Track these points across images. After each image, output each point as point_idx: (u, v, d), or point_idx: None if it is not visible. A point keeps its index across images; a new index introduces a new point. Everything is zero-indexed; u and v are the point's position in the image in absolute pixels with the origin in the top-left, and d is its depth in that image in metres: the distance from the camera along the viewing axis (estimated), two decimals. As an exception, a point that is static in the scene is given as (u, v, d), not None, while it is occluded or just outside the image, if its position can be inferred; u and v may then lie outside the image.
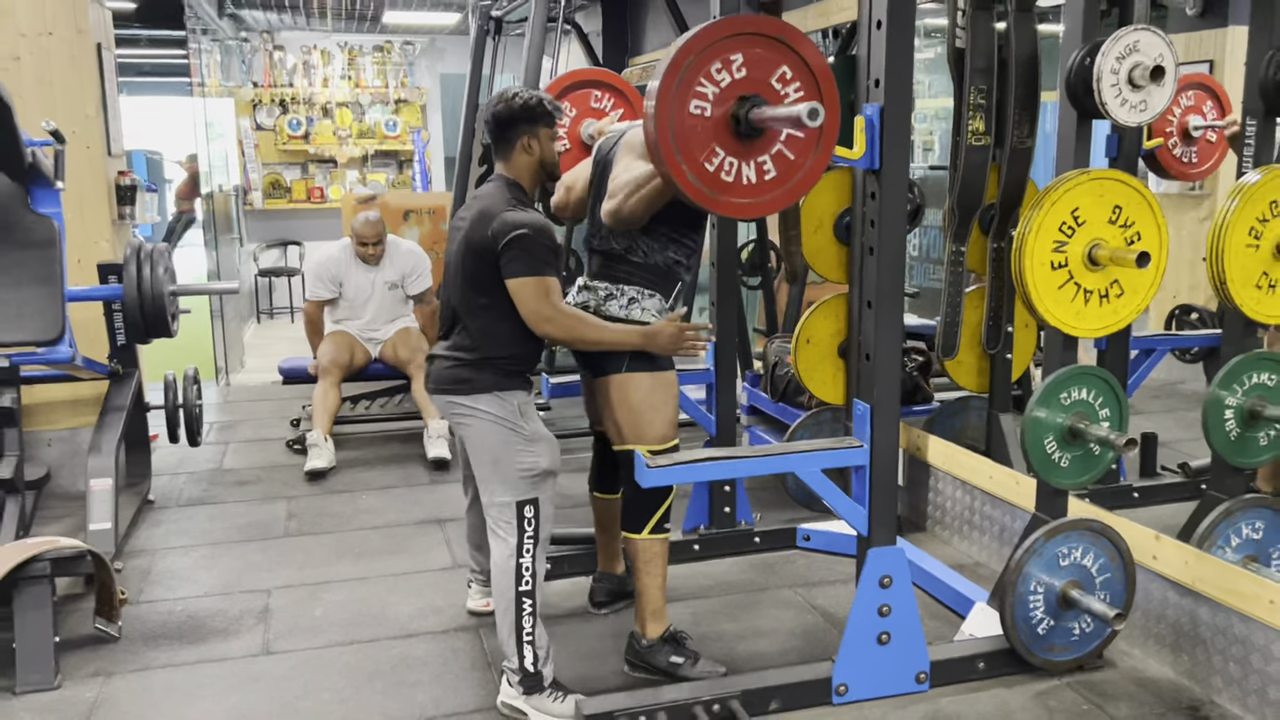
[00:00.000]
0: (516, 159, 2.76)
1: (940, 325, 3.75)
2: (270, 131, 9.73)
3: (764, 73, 2.32)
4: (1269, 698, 2.58)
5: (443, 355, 2.77)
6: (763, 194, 2.40)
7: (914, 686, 2.79)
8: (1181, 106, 3.79)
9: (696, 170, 2.32)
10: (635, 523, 2.86)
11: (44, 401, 4.52)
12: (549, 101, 2.76)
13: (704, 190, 2.34)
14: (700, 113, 2.30)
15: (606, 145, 3.02)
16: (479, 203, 2.73)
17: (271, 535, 4.05)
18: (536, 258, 2.61)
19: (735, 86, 2.31)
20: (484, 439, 2.70)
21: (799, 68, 2.34)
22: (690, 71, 2.27)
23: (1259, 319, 2.90)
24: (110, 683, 2.91)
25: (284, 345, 7.49)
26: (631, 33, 7.14)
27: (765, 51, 2.31)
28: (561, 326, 2.66)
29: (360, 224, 5.20)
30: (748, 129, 2.31)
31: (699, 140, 2.30)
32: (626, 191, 2.71)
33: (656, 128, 2.27)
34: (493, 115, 2.75)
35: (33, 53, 4.35)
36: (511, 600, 2.64)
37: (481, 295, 2.68)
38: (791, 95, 2.35)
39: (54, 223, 3.63)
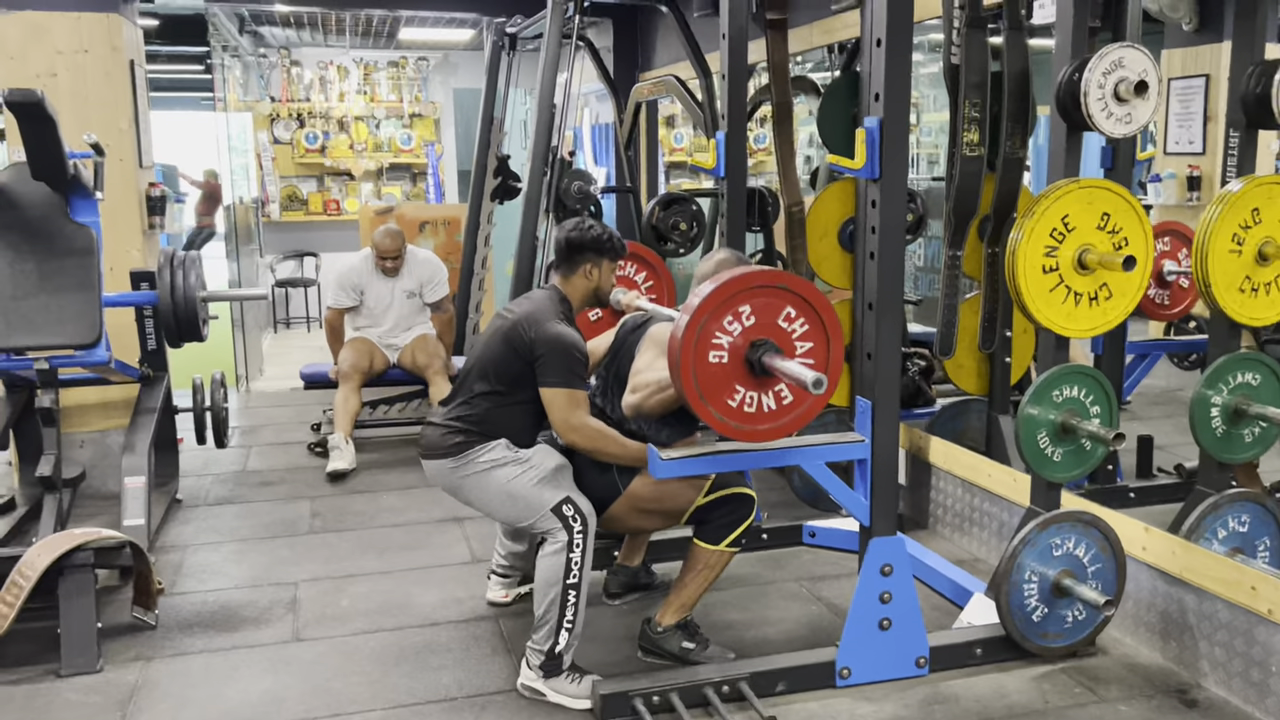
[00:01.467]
0: (576, 280, 3.06)
1: (938, 327, 3.90)
2: (288, 145, 9.93)
3: (770, 316, 2.57)
4: (1251, 679, 2.71)
5: (439, 423, 2.98)
6: (783, 417, 2.62)
7: (914, 670, 2.93)
8: (1157, 251, 3.92)
9: (721, 409, 2.56)
10: (715, 536, 2.98)
11: (77, 404, 4.69)
12: (618, 240, 3.07)
13: (731, 424, 2.58)
14: (719, 361, 2.54)
15: (630, 324, 3.28)
16: (529, 304, 2.98)
17: (297, 532, 4.20)
18: (572, 371, 2.85)
19: (747, 333, 2.55)
20: (487, 488, 2.90)
21: (800, 305, 2.58)
22: (706, 328, 2.51)
23: (1242, 321, 3.04)
24: (150, 666, 3.07)
25: (301, 354, 7.66)
26: (642, 49, 7.31)
27: (769, 298, 2.56)
28: (586, 436, 2.86)
29: (380, 236, 5.37)
30: (761, 370, 2.54)
31: (720, 384, 2.55)
32: (648, 392, 2.93)
33: (682, 380, 2.51)
34: (566, 237, 3.03)
35: (69, 69, 4.54)
36: (559, 593, 2.79)
37: (500, 384, 2.92)
38: (798, 330, 2.59)
39: (92, 232, 3.79)
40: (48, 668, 3.03)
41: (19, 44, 4.48)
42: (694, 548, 2.99)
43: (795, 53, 5.00)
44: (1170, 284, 4.01)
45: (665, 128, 9.38)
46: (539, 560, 2.86)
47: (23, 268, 3.64)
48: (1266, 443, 3.16)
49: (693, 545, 3.00)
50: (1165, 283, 4.01)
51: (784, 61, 4.47)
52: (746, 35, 3.79)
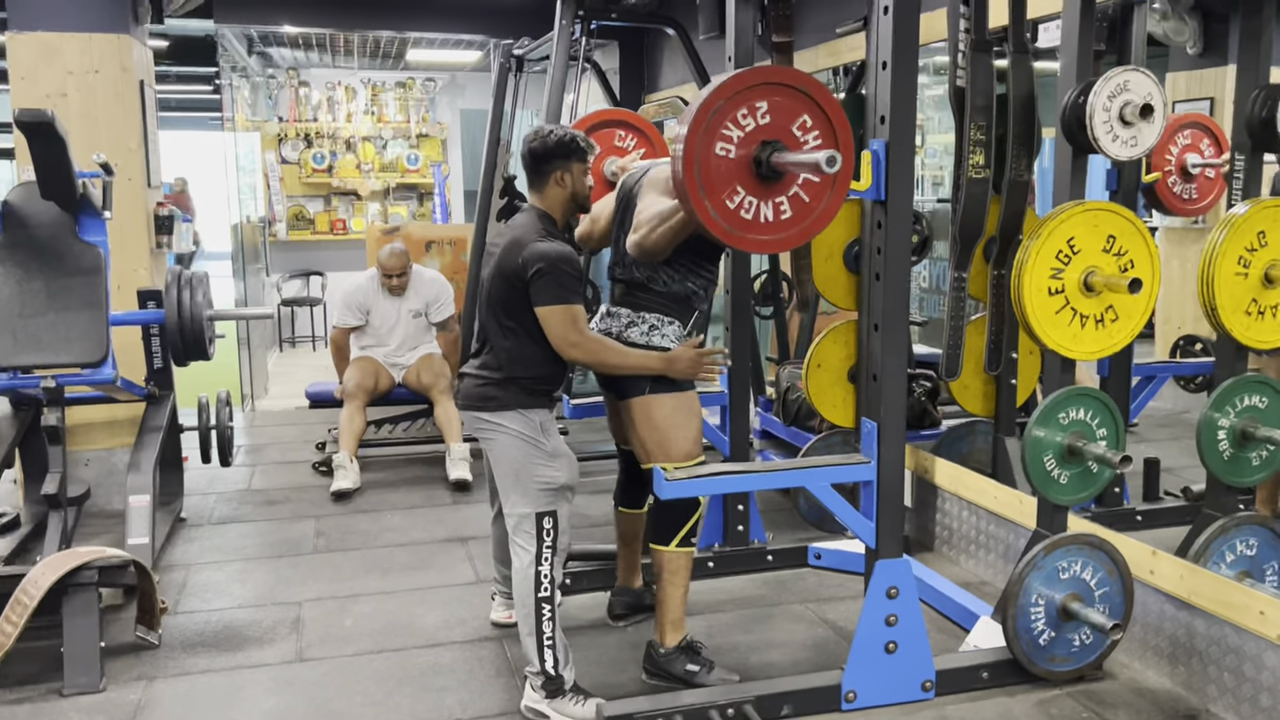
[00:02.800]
0: (549, 191, 2.94)
1: (944, 349, 3.90)
2: (295, 165, 9.98)
3: (786, 120, 2.49)
4: (1260, 705, 2.69)
5: (472, 374, 2.94)
6: (779, 232, 2.56)
7: (920, 694, 2.91)
8: (1179, 144, 3.92)
9: (719, 207, 2.49)
10: (664, 536, 2.98)
11: (83, 422, 4.70)
12: (582, 138, 2.94)
13: (724, 226, 2.50)
14: (725, 154, 2.46)
15: (631, 180, 3.18)
16: (511, 231, 2.91)
17: (301, 551, 4.20)
18: (564, 286, 2.77)
19: (759, 131, 2.48)
20: (507, 453, 2.86)
21: (818, 116, 2.52)
22: (718, 115, 2.44)
23: (1249, 344, 3.03)
24: (153, 686, 3.06)
25: (306, 373, 7.67)
26: (648, 71, 7.35)
27: (788, 100, 2.48)
28: (587, 351, 2.82)
29: (386, 255, 5.39)
30: (769, 171, 2.48)
31: (723, 180, 2.47)
32: (651, 225, 2.86)
33: (684, 166, 2.44)
34: (529, 150, 2.93)
35: (79, 89, 4.57)
36: (532, 607, 2.79)
37: (509, 318, 2.85)
38: (810, 142, 2.51)
39: (100, 250, 3.81)
40: (50, 687, 3.02)
41: (30, 64, 4.52)
42: (653, 554, 3.02)
43: (801, 75, 5.02)
44: (1195, 177, 3.96)
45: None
46: (513, 576, 2.86)
47: (31, 286, 3.66)
48: (1274, 465, 3.14)
49: (652, 551, 3.02)
50: (1189, 176, 3.96)
51: (790, 83, 4.48)
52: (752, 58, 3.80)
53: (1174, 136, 3.89)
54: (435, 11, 7.24)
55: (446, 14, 7.28)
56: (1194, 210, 4.06)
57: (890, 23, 2.68)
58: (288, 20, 7.27)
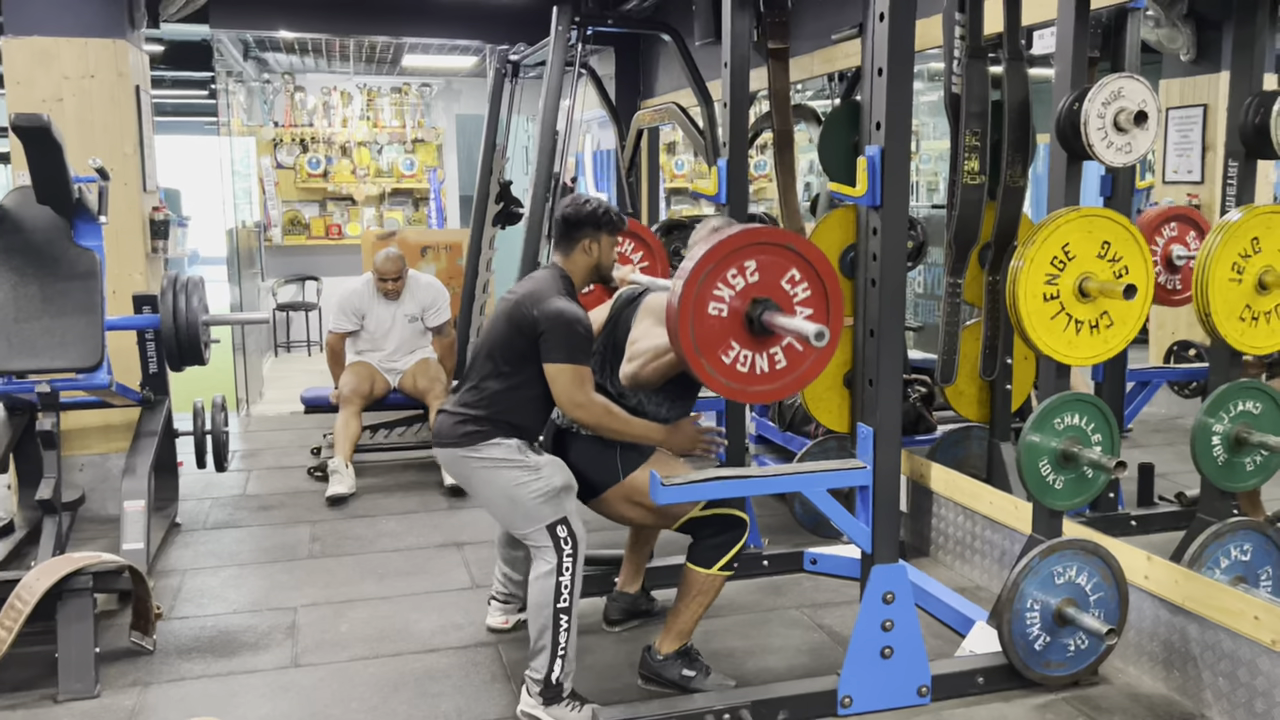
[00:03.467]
0: (576, 256, 3.01)
1: (939, 355, 3.90)
2: (290, 170, 9.97)
3: (774, 276, 2.56)
4: (1255, 710, 2.69)
5: (451, 411, 2.97)
6: (775, 381, 2.62)
7: (916, 699, 2.91)
8: (1165, 236, 3.93)
9: (715, 364, 2.55)
10: (707, 558, 2.95)
11: (77, 427, 4.69)
12: (616, 213, 3.03)
13: (722, 381, 2.57)
14: (718, 314, 2.53)
15: (624, 298, 3.25)
16: (530, 284, 2.96)
17: (296, 557, 4.19)
18: (576, 347, 2.81)
19: (749, 290, 2.53)
20: (492, 484, 2.88)
21: (806, 270, 2.58)
22: (709, 278, 2.50)
23: (1243, 350, 3.05)
24: (148, 692, 3.05)
25: (302, 378, 7.66)
26: (644, 77, 7.36)
27: (775, 258, 2.55)
28: (592, 414, 2.84)
29: (381, 260, 5.39)
30: (760, 329, 2.53)
31: (717, 338, 2.54)
32: (645, 359, 2.91)
33: (679, 327, 2.49)
34: (563, 215, 3.00)
35: (75, 94, 4.57)
36: (550, 617, 2.78)
37: (507, 364, 2.89)
38: (800, 294, 2.58)
39: (95, 255, 3.80)
40: (45, 692, 3.01)
41: (26, 69, 4.52)
42: (686, 571, 2.98)
43: (796, 81, 5.04)
44: (1180, 269, 3.99)
45: (666, 154, 9.43)
46: (530, 584, 2.84)
47: (26, 291, 3.65)
48: (1268, 471, 3.15)
49: (685, 569, 2.98)
50: (1174, 268, 3.99)
51: (785, 89, 4.50)
52: (748, 64, 3.81)
53: (1160, 228, 3.91)
54: (431, 17, 7.24)
55: (442, 19, 7.29)
56: (1178, 302, 4.07)
57: (886, 29, 2.69)
58: (284, 25, 7.26)
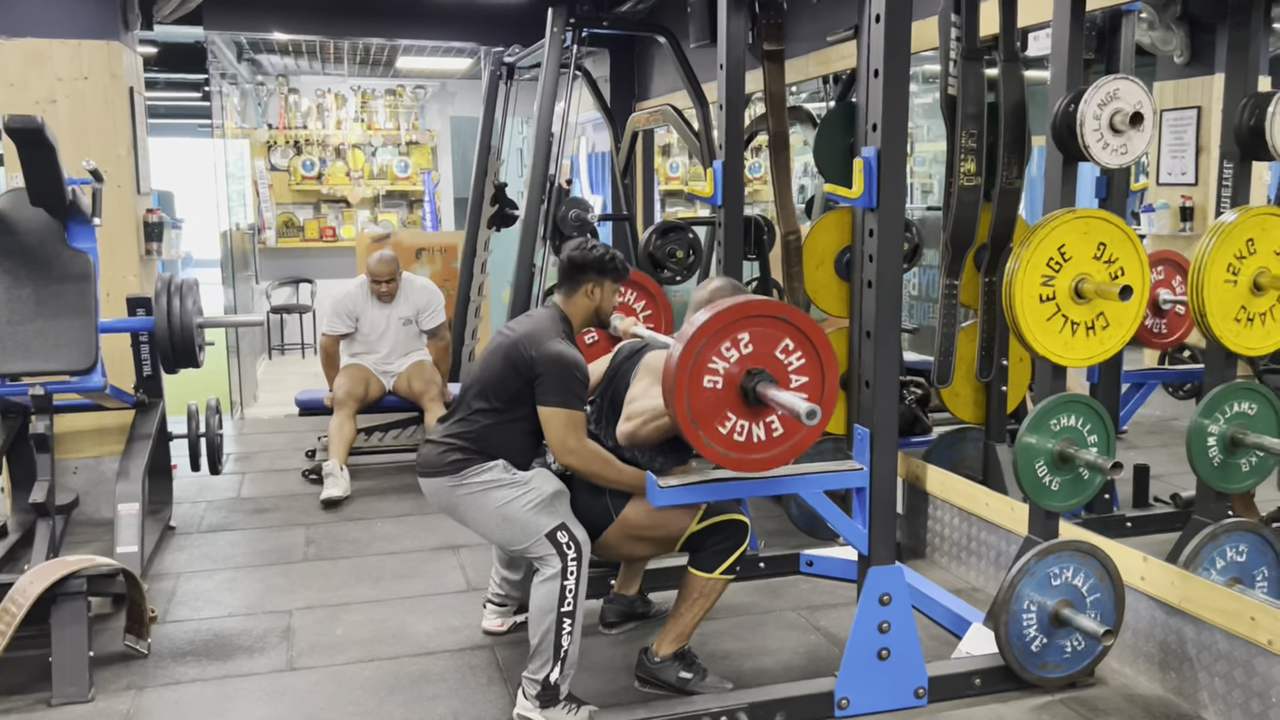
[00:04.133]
0: (577, 299, 3.04)
1: (935, 356, 3.91)
2: (284, 172, 9.95)
3: (768, 346, 2.56)
4: (1251, 710, 2.70)
5: (437, 441, 2.97)
6: (773, 449, 2.62)
7: (913, 701, 2.91)
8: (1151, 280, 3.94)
9: (713, 435, 2.55)
10: (709, 563, 2.95)
11: (71, 430, 4.67)
12: (622, 261, 3.06)
13: (719, 451, 2.57)
14: (713, 386, 2.53)
15: (625, 350, 3.27)
16: (530, 323, 2.97)
17: (291, 560, 4.18)
18: (571, 391, 2.82)
19: (743, 361, 2.54)
20: (483, 508, 2.89)
21: (799, 339, 2.59)
22: (704, 351, 2.51)
23: (1238, 351, 3.05)
24: (142, 695, 3.04)
25: (296, 380, 7.64)
26: (639, 78, 7.36)
27: (768, 329, 2.56)
28: (583, 459, 2.85)
29: (375, 262, 5.38)
30: (755, 399, 2.53)
31: (713, 410, 2.54)
32: (643, 420, 2.91)
33: (675, 400, 2.50)
34: (569, 257, 3.02)
35: (69, 96, 4.56)
36: (553, 621, 2.77)
37: (499, 401, 2.90)
38: (794, 363, 2.59)
39: (89, 257, 3.79)
40: (39, 697, 3.00)
41: (19, 71, 4.50)
42: (688, 576, 2.97)
43: (792, 83, 5.04)
44: (1166, 312, 4.03)
45: (661, 156, 9.43)
46: (533, 588, 2.84)
47: (19, 293, 3.64)
48: (1263, 472, 3.16)
49: (687, 573, 2.98)
50: (1161, 311, 4.03)
51: (781, 91, 4.50)
52: (744, 66, 3.81)
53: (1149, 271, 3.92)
54: (426, 19, 7.23)
55: (437, 21, 7.28)
56: (1163, 344, 4.11)
57: (881, 31, 2.70)
58: (278, 27, 7.25)
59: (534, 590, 2.83)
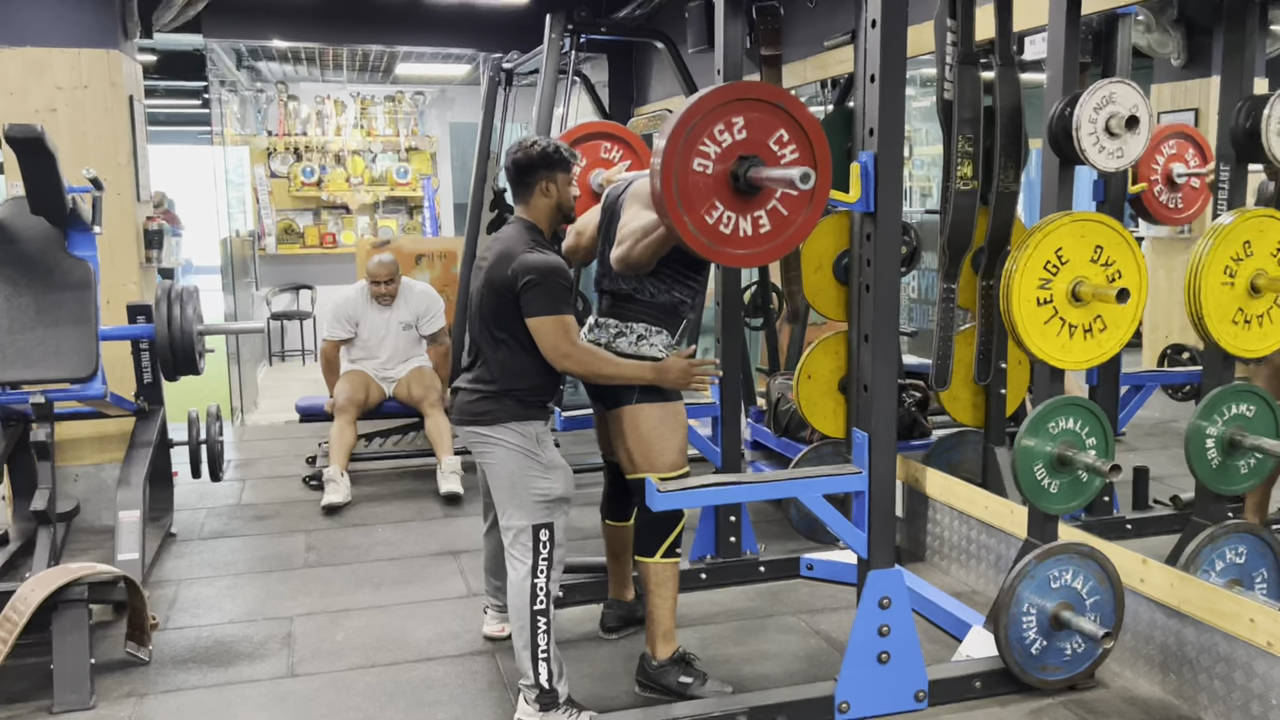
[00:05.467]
0: (535, 202, 2.95)
1: (934, 360, 3.91)
2: (284, 178, 9.95)
3: (763, 134, 2.51)
4: (1251, 712, 2.70)
5: (466, 388, 2.94)
6: (758, 246, 2.58)
7: (913, 704, 2.91)
8: (1165, 154, 3.95)
9: (698, 222, 2.50)
10: (648, 548, 3.00)
11: (72, 438, 4.68)
12: (565, 149, 2.96)
13: (704, 241, 2.52)
14: (703, 170, 2.48)
15: (614, 193, 3.20)
16: (499, 244, 2.91)
17: (292, 566, 4.18)
18: (555, 297, 2.78)
19: (736, 147, 2.49)
20: (503, 465, 2.86)
21: (795, 131, 2.53)
22: (695, 131, 2.45)
23: (1235, 353, 3.05)
24: (143, 703, 3.04)
25: (296, 387, 7.65)
26: (637, 84, 7.38)
27: (764, 115, 2.50)
28: (579, 362, 2.83)
29: (374, 265, 5.40)
30: (746, 186, 2.50)
31: (701, 195, 2.49)
32: (634, 239, 2.87)
33: (662, 182, 2.45)
34: (513, 161, 2.94)
35: (69, 105, 4.57)
36: (528, 619, 2.78)
37: (501, 330, 2.86)
38: (787, 156, 2.53)
39: (89, 265, 3.80)
40: (40, 704, 3.00)
41: (19, 80, 4.51)
42: (639, 567, 3.03)
43: (789, 88, 5.05)
44: (1180, 186, 3.99)
45: (660, 161, 9.43)
46: (509, 588, 2.85)
47: (20, 301, 3.64)
48: (1262, 474, 3.16)
49: (638, 565, 3.03)
50: (1175, 185, 3.99)
51: (778, 96, 4.51)
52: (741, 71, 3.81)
53: (1159, 146, 3.92)
54: (424, 25, 7.25)
55: (435, 28, 7.30)
56: (1180, 219, 4.09)
57: (878, 36, 2.70)
58: (277, 35, 7.27)
59: (509, 591, 2.85)
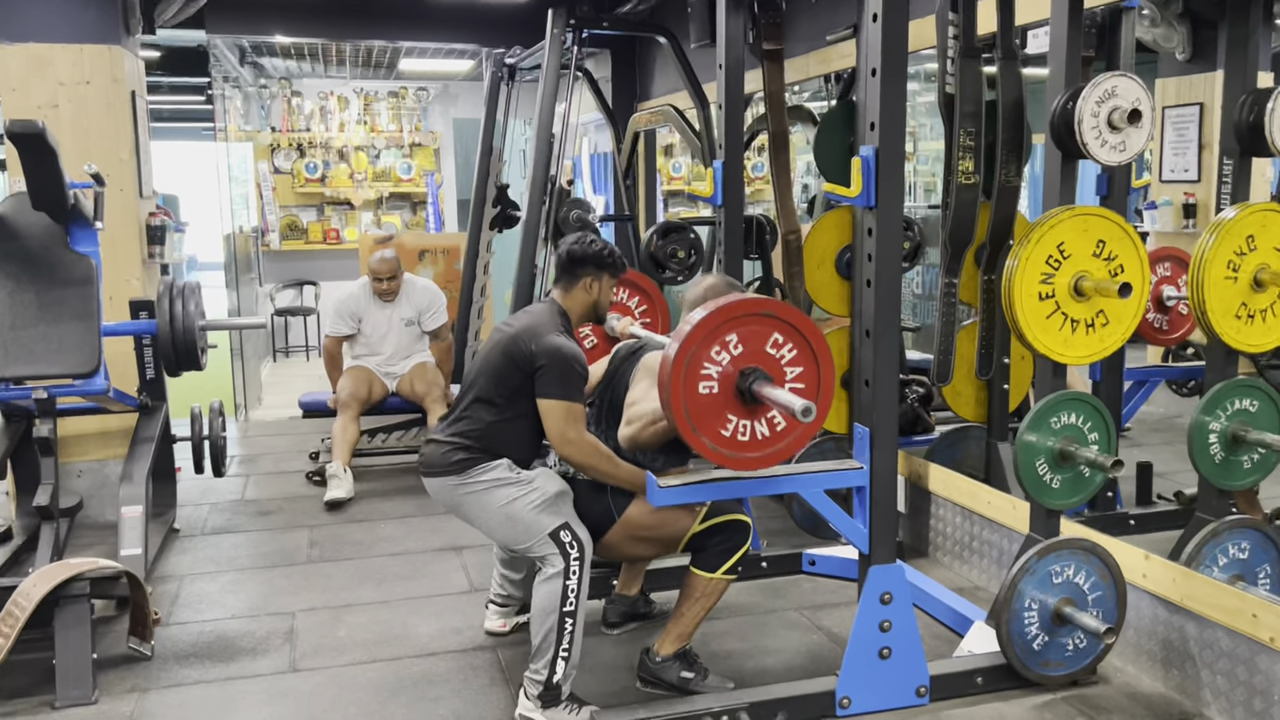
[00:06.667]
0: (576, 293, 3.05)
1: (936, 355, 3.90)
2: (288, 175, 9.97)
3: (758, 344, 2.56)
4: (1254, 708, 2.69)
5: (441, 440, 2.97)
6: (777, 443, 2.62)
7: (915, 700, 2.91)
8: (1157, 275, 3.93)
9: (715, 439, 2.55)
10: (711, 563, 2.95)
11: (75, 434, 4.69)
12: (619, 256, 3.07)
13: (724, 453, 2.57)
14: (709, 391, 2.52)
15: (623, 351, 3.28)
16: (529, 318, 2.97)
17: (294, 562, 4.19)
18: (570, 384, 2.82)
19: (736, 361, 2.54)
20: (487, 506, 2.88)
21: (788, 331, 2.58)
22: (694, 359, 2.50)
23: (1239, 347, 3.04)
24: (146, 698, 3.04)
25: (300, 383, 7.66)
26: (640, 79, 7.37)
27: (756, 326, 2.55)
28: (581, 450, 2.85)
29: (376, 261, 5.40)
30: (752, 398, 2.53)
31: (712, 414, 2.54)
32: (643, 424, 2.92)
33: (673, 409, 2.49)
34: (568, 251, 3.03)
35: (71, 100, 4.57)
36: (555, 620, 2.78)
37: (500, 397, 2.90)
38: (786, 355, 2.59)
39: (92, 261, 3.80)
40: (42, 699, 3.01)
41: (21, 76, 4.52)
42: (690, 576, 2.97)
43: (792, 82, 5.04)
44: (1169, 309, 4.02)
45: (663, 156, 9.43)
46: (535, 588, 2.84)
47: (22, 297, 3.65)
48: (1265, 469, 3.15)
49: (689, 573, 2.98)
50: (1165, 308, 4.02)
51: (780, 91, 4.50)
52: (743, 65, 3.82)
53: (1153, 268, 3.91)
54: (427, 21, 7.24)
55: (439, 24, 7.29)
56: (1166, 341, 4.09)
57: (879, 30, 2.70)
58: (280, 30, 7.26)
59: (536, 589, 2.83)
